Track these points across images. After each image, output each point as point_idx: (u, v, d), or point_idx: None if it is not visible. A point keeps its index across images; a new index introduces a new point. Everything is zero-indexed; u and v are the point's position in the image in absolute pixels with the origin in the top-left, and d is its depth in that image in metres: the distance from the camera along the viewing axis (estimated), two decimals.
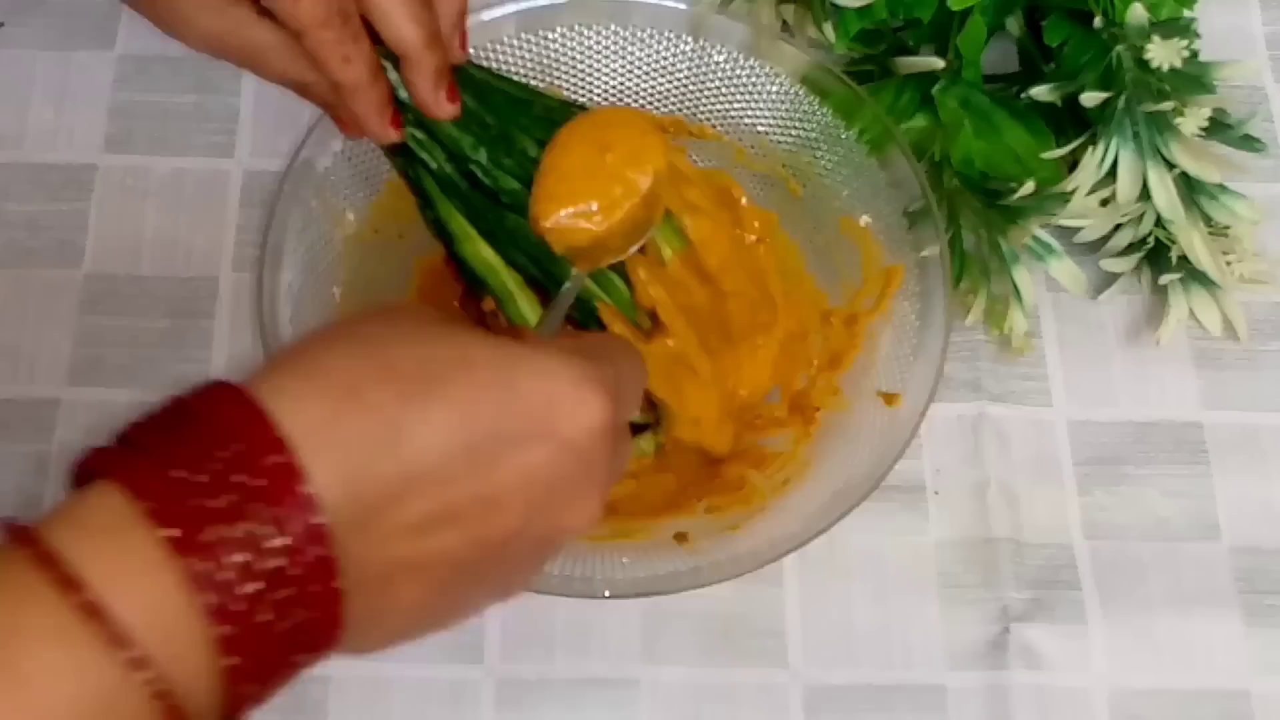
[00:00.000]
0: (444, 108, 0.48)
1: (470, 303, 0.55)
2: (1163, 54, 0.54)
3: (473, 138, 0.50)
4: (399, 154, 0.50)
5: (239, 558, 0.28)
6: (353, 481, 0.30)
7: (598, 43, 0.58)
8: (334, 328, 0.34)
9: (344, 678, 0.51)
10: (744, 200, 0.58)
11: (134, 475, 0.29)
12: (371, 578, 0.31)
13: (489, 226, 0.51)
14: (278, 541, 0.29)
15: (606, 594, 0.50)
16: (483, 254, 0.52)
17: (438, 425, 0.32)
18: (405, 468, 0.31)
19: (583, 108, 0.53)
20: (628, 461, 0.40)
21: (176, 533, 0.28)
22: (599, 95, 0.59)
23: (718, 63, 0.58)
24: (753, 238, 0.58)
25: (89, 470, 0.30)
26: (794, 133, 0.58)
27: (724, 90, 0.59)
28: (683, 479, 0.55)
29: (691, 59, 0.58)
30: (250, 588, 0.29)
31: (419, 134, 0.49)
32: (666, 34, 0.58)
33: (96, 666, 0.27)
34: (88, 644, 0.27)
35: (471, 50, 0.56)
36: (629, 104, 0.59)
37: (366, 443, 0.31)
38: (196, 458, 0.29)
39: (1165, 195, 0.55)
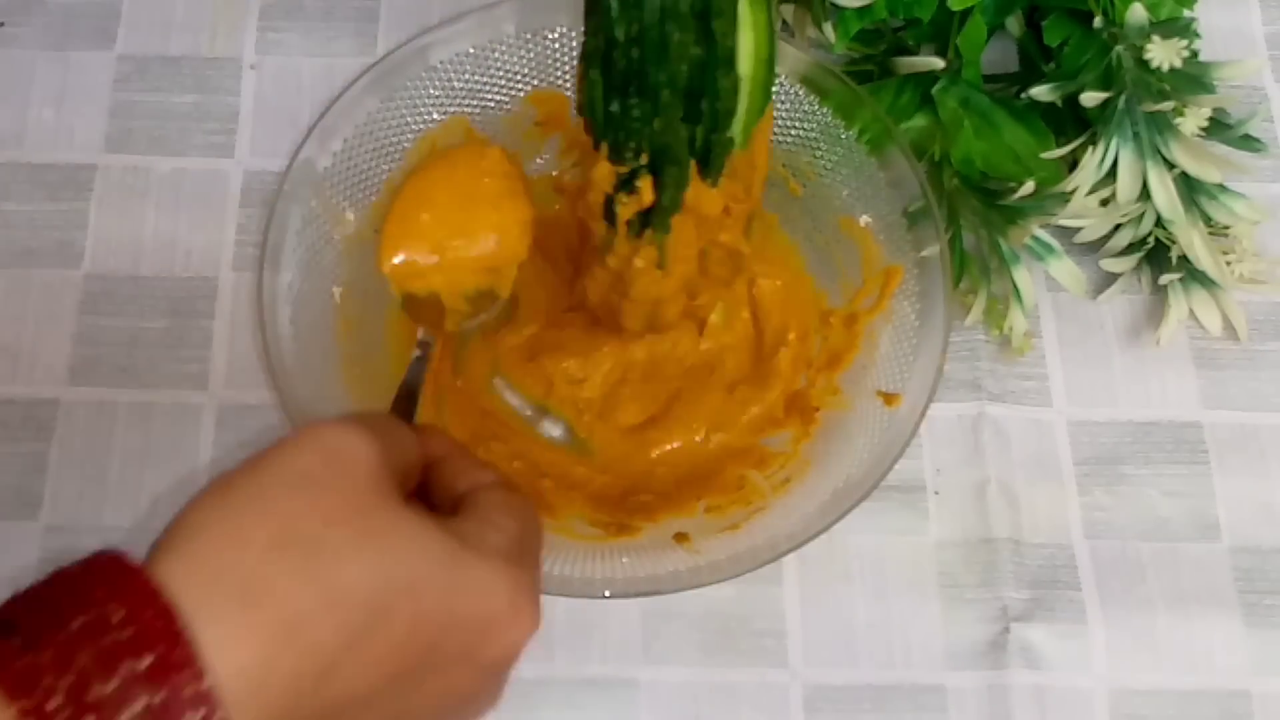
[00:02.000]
0: None
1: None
2: (1163, 54, 0.54)
3: None
4: None
5: None
6: (277, 716, 0.29)
7: None
8: (254, 500, 0.31)
9: None
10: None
11: (34, 698, 0.26)
12: None
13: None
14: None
15: (606, 594, 0.50)
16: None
17: (372, 662, 0.31)
18: (332, 703, 0.30)
19: None
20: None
21: None
22: None
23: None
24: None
25: None
26: (794, 133, 0.58)
27: None
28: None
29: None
30: None
31: None
32: None
33: None
34: None
35: (470, 49, 0.57)
36: None
37: (300, 680, 0.29)
38: (101, 694, 0.26)
39: (1165, 195, 0.55)
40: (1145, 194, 0.56)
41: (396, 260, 0.52)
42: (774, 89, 0.57)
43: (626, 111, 0.45)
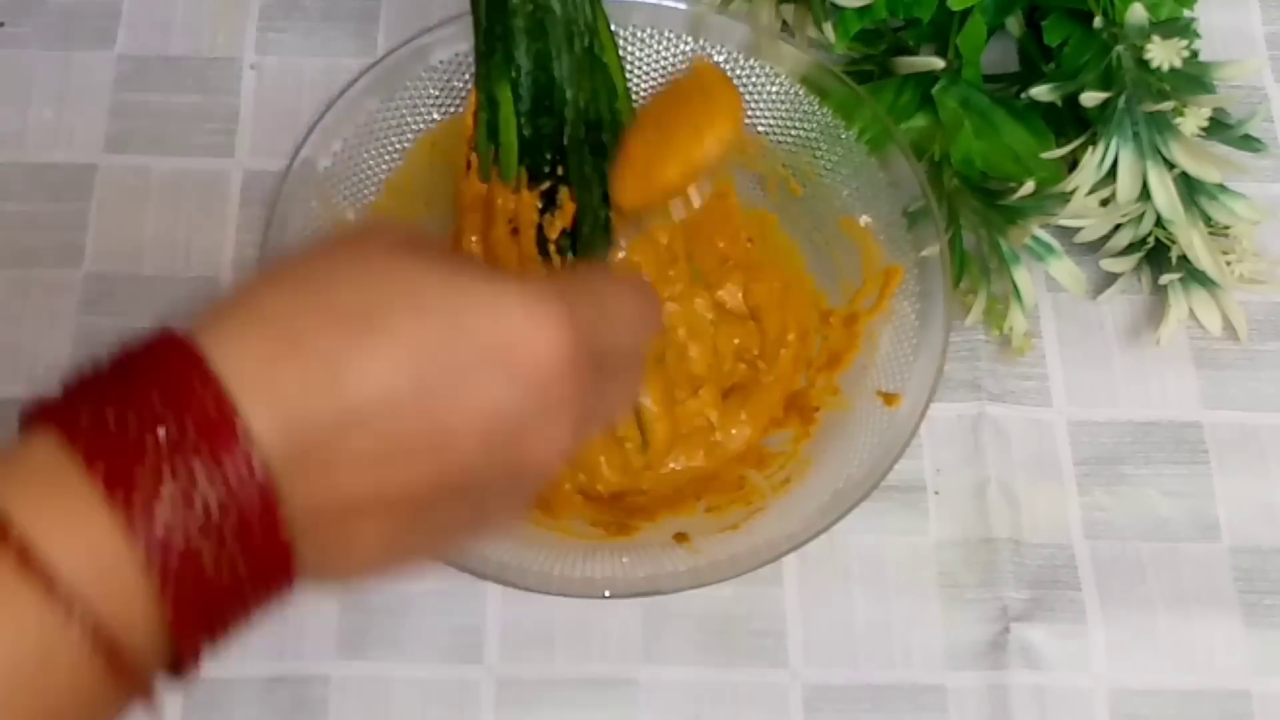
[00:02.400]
0: None
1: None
2: (1163, 54, 0.54)
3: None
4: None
5: (176, 500, 0.28)
6: (292, 423, 0.30)
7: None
8: (276, 267, 0.33)
9: (344, 678, 0.51)
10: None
11: (69, 420, 0.29)
12: (323, 517, 0.31)
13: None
14: (217, 482, 0.29)
15: (606, 594, 0.50)
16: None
17: (380, 363, 0.31)
18: (347, 406, 0.30)
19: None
20: (633, 393, 0.39)
21: (103, 473, 0.28)
22: None
23: (718, 63, 0.58)
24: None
25: (29, 419, 0.30)
26: (794, 133, 0.58)
27: None
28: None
29: (691, 59, 0.58)
30: (187, 530, 0.28)
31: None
32: (666, 34, 0.58)
33: (31, 612, 0.27)
34: (21, 588, 0.27)
35: (470, 49, 0.57)
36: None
37: (305, 385, 0.30)
38: (132, 403, 0.29)
39: (1165, 195, 0.55)
40: (1145, 194, 0.56)
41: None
42: (775, 89, 0.58)
43: (539, 130, 0.49)
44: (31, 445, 0.29)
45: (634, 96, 0.59)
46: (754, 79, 0.58)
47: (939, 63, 0.59)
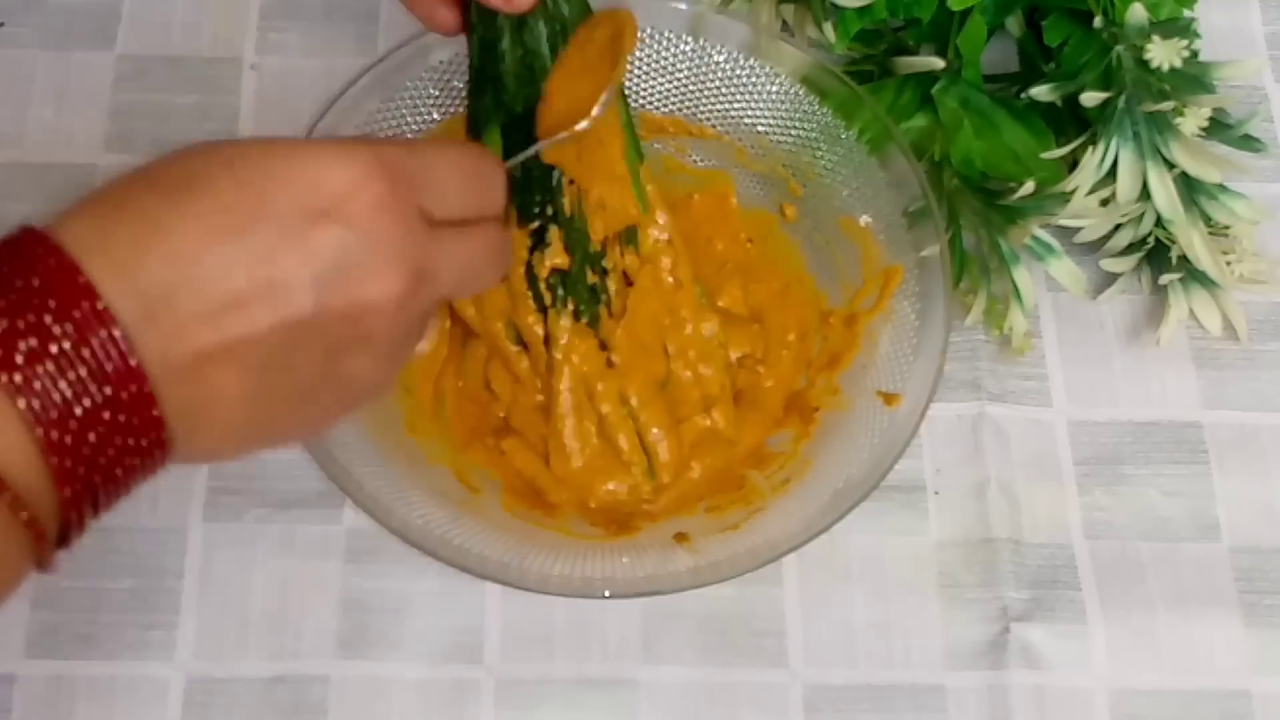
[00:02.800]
0: (515, 2, 0.46)
1: None
2: (1163, 54, 0.54)
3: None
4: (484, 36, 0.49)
5: (48, 364, 0.31)
6: (134, 283, 0.32)
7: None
8: (130, 170, 0.36)
9: (344, 678, 0.51)
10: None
11: None
12: (180, 372, 0.33)
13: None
14: (74, 338, 0.31)
15: (606, 594, 0.50)
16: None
17: (200, 217, 0.33)
18: (181, 261, 0.33)
19: None
20: (492, 264, 0.41)
21: None
22: None
23: (718, 63, 0.58)
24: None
25: None
26: (794, 133, 0.58)
27: (724, 90, 0.59)
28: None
29: (691, 59, 0.58)
30: (64, 387, 0.31)
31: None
32: (666, 34, 0.58)
33: None
34: None
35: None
36: (630, 103, 0.59)
37: (135, 244, 0.33)
38: None
39: (1165, 195, 0.55)
40: (1145, 194, 0.56)
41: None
42: (775, 89, 0.58)
43: (528, 172, 0.49)
44: None
45: (635, 97, 0.59)
46: (754, 79, 0.58)
47: (939, 63, 0.59)
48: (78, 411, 0.31)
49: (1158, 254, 0.58)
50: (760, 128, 0.59)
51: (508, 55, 0.49)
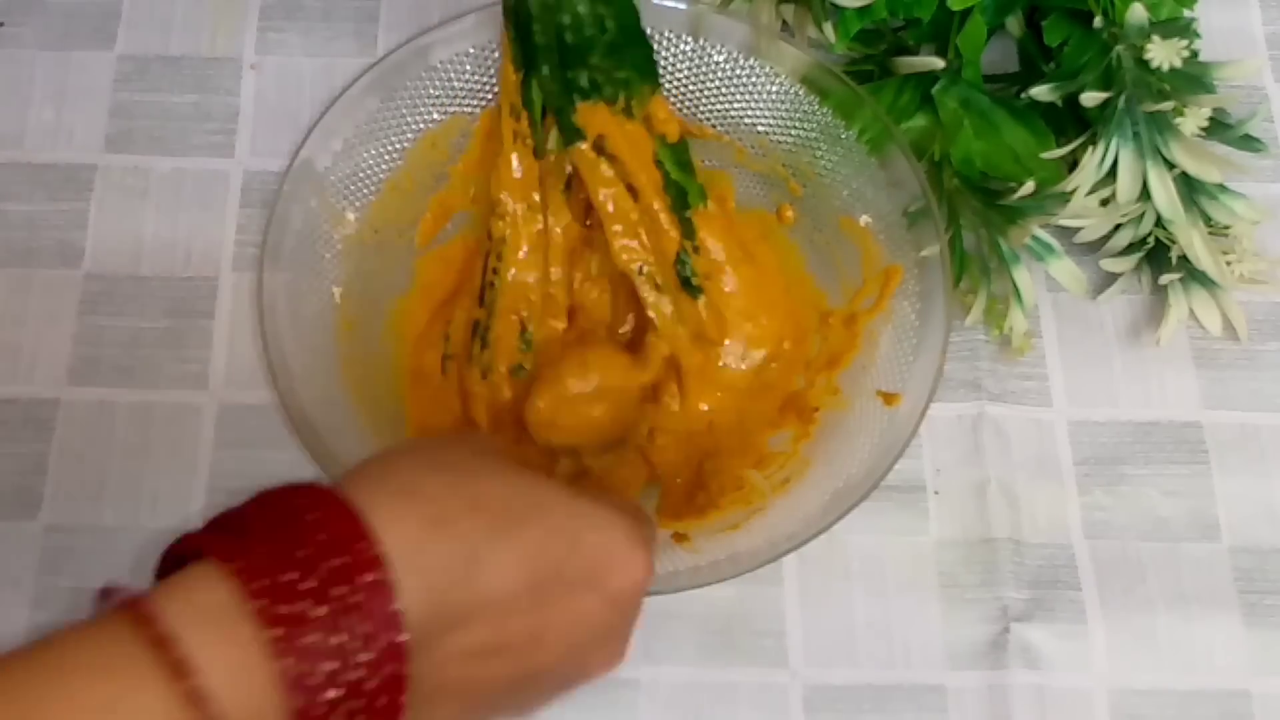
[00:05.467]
0: None
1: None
2: (1163, 54, 0.54)
3: None
4: None
5: (329, 666, 0.30)
6: (432, 603, 0.32)
7: None
8: (419, 447, 0.37)
9: None
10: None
11: (247, 571, 0.30)
12: (423, 693, 0.33)
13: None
14: (364, 656, 0.31)
15: None
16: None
17: (512, 562, 0.34)
18: (477, 596, 0.34)
19: None
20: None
21: (280, 633, 0.30)
22: None
23: (718, 63, 0.58)
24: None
25: (193, 550, 0.31)
26: (794, 133, 0.58)
27: (724, 90, 0.58)
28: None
29: (691, 59, 0.58)
30: (332, 694, 0.30)
31: None
32: (666, 34, 0.58)
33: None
34: (170, 697, 0.29)
35: (470, 49, 0.57)
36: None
37: (450, 569, 0.33)
38: (304, 564, 0.31)
39: (1165, 195, 0.55)
40: (1145, 194, 0.56)
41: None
42: (775, 89, 0.58)
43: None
44: (206, 587, 0.31)
45: None
46: (754, 79, 0.58)
47: (939, 63, 0.59)
48: (326, 702, 0.31)
49: (1158, 254, 0.58)
50: (760, 128, 0.59)
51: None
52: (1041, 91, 0.57)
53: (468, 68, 0.57)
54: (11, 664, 0.29)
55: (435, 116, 0.57)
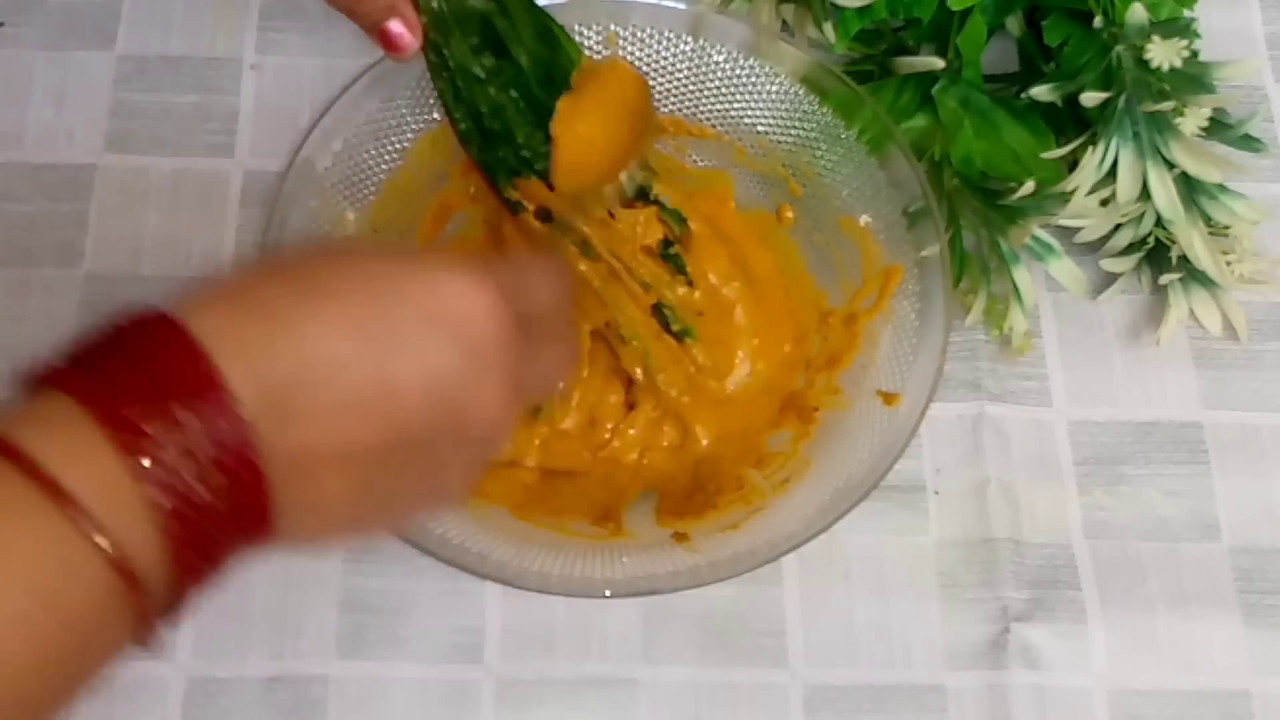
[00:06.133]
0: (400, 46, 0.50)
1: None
2: (1163, 54, 0.54)
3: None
4: (479, 31, 0.52)
5: (174, 445, 0.32)
6: (261, 378, 0.33)
7: (598, 42, 0.58)
8: (251, 261, 0.38)
9: (344, 678, 0.51)
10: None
11: (75, 382, 0.33)
12: (293, 465, 0.34)
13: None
14: (207, 432, 0.32)
15: (607, 594, 0.50)
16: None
17: (330, 322, 0.35)
18: (305, 363, 0.34)
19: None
20: (567, 366, 0.43)
21: (114, 428, 0.32)
22: None
23: (717, 63, 0.58)
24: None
25: (35, 382, 0.33)
26: (794, 133, 0.58)
27: (724, 90, 0.58)
28: None
29: (691, 59, 0.58)
30: (186, 473, 0.32)
31: (505, 24, 0.52)
32: (666, 34, 0.58)
33: (62, 537, 0.31)
34: (48, 515, 0.31)
35: None
36: None
37: (267, 342, 0.34)
38: (128, 367, 0.33)
39: (1165, 195, 0.55)
40: (1145, 194, 0.56)
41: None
42: (775, 89, 0.58)
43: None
44: (48, 405, 0.32)
45: None
46: (754, 79, 0.58)
47: (939, 63, 0.59)
48: (195, 500, 0.32)
49: (1158, 254, 0.58)
50: (760, 128, 0.59)
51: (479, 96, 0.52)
52: (1041, 91, 0.57)
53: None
54: None
55: (435, 116, 0.57)
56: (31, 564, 0.30)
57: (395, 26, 0.49)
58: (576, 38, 0.57)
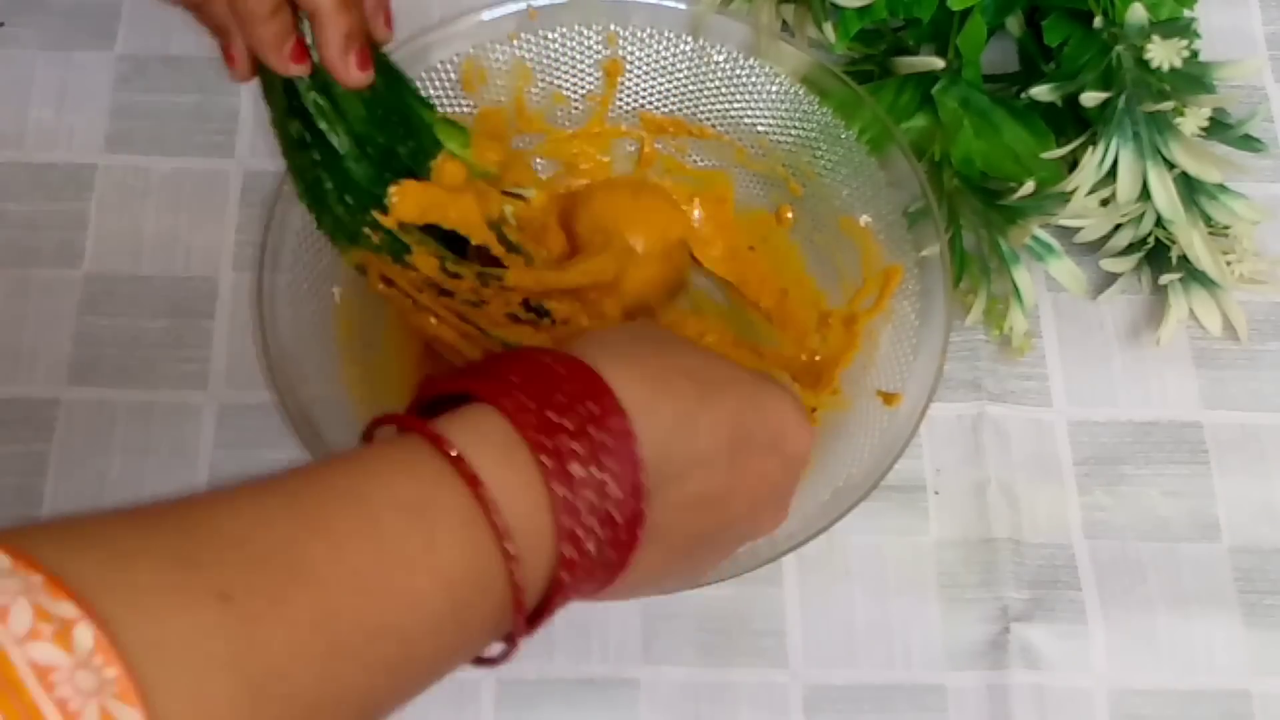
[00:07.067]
0: (352, 74, 0.46)
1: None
2: (1163, 54, 0.54)
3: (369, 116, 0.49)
4: (286, 96, 0.47)
5: (589, 495, 0.34)
6: (659, 453, 0.36)
7: (598, 43, 0.58)
8: (617, 330, 0.41)
9: None
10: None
11: (518, 409, 0.34)
12: (648, 536, 0.36)
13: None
14: (615, 491, 0.34)
15: None
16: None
17: (717, 422, 0.38)
18: (692, 450, 0.37)
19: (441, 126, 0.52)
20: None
21: (551, 463, 0.34)
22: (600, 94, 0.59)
23: (718, 63, 0.58)
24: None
25: (464, 393, 0.35)
26: (794, 133, 0.58)
27: (724, 90, 0.58)
28: None
29: (691, 59, 0.58)
30: (590, 521, 0.34)
31: (321, 100, 0.48)
32: (666, 34, 0.58)
33: (485, 549, 0.32)
34: (482, 530, 0.32)
35: (471, 49, 0.57)
36: (630, 104, 0.59)
37: (673, 424, 0.36)
38: (563, 407, 0.34)
39: (1165, 195, 0.55)
40: (1145, 194, 0.56)
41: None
42: (775, 89, 0.58)
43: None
44: (486, 422, 0.34)
45: (635, 97, 0.59)
46: (754, 79, 0.58)
47: (939, 63, 0.59)
48: (586, 540, 0.34)
49: (1158, 254, 0.58)
50: (760, 128, 0.59)
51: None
52: (1041, 91, 0.57)
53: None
54: (322, 470, 0.33)
55: None
56: (459, 568, 0.32)
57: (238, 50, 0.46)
58: (577, 38, 0.58)
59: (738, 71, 0.58)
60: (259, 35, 0.44)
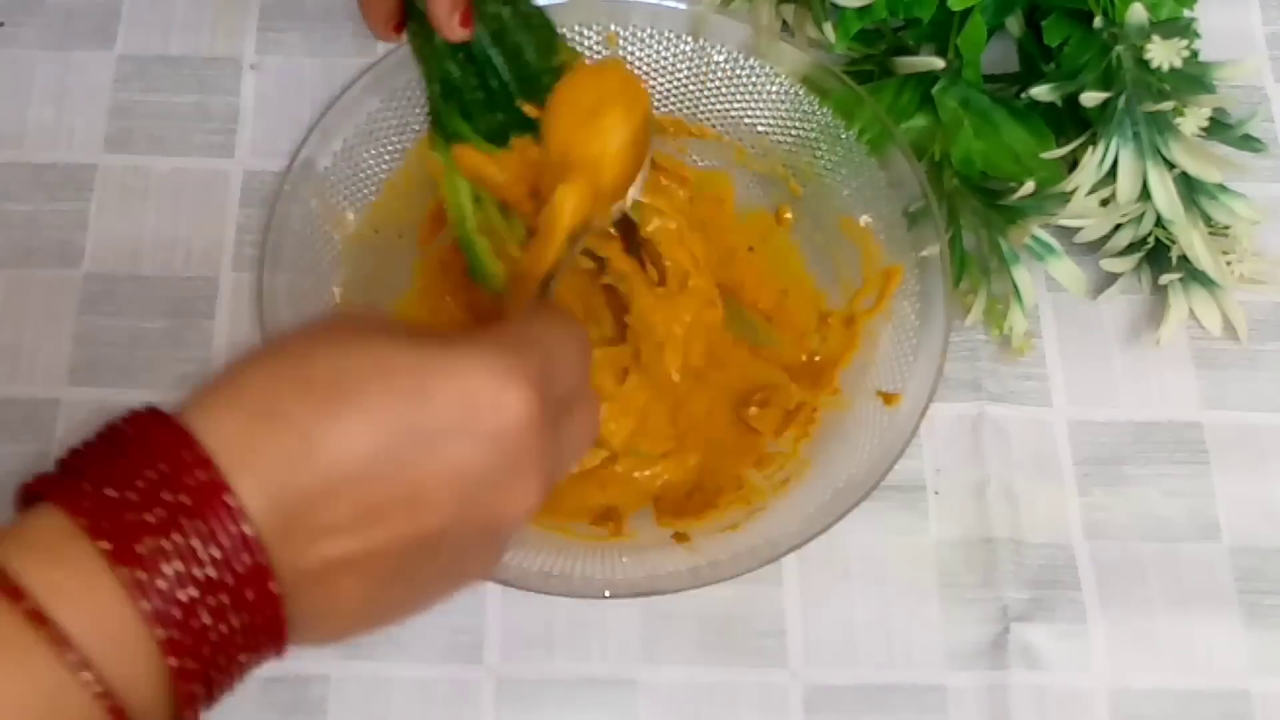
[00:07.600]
0: (456, 30, 0.50)
1: (467, 289, 0.55)
2: (1163, 54, 0.54)
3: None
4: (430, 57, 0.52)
5: (174, 567, 0.30)
6: (275, 491, 0.32)
7: (598, 43, 0.58)
8: (260, 347, 0.35)
9: (344, 678, 0.51)
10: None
11: (70, 495, 0.31)
12: (307, 579, 0.33)
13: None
14: (210, 551, 0.31)
15: (607, 594, 0.50)
16: (460, 196, 0.52)
17: (351, 433, 0.33)
18: (323, 474, 0.32)
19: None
20: (591, 436, 0.41)
21: (109, 546, 0.30)
22: None
23: (718, 63, 0.58)
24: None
25: (32, 495, 0.32)
26: (794, 133, 0.58)
27: (724, 90, 0.59)
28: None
29: (691, 59, 0.58)
30: (186, 595, 0.31)
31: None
32: (666, 34, 0.58)
33: (44, 669, 0.29)
34: (34, 648, 0.29)
35: None
36: None
37: (283, 455, 0.32)
38: (127, 477, 0.31)
39: (1165, 195, 0.55)
40: (1145, 194, 0.56)
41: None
42: (775, 89, 0.58)
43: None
44: (37, 521, 0.31)
45: None
46: (754, 79, 0.58)
47: (939, 63, 0.59)
48: (195, 624, 0.31)
49: (1158, 254, 0.58)
50: (760, 128, 0.59)
51: (458, 77, 0.52)
52: (1041, 91, 0.57)
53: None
54: None
55: None
56: (19, 703, 0.29)
57: None
58: (577, 39, 0.58)
59: (738, 71, 0.58)
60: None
